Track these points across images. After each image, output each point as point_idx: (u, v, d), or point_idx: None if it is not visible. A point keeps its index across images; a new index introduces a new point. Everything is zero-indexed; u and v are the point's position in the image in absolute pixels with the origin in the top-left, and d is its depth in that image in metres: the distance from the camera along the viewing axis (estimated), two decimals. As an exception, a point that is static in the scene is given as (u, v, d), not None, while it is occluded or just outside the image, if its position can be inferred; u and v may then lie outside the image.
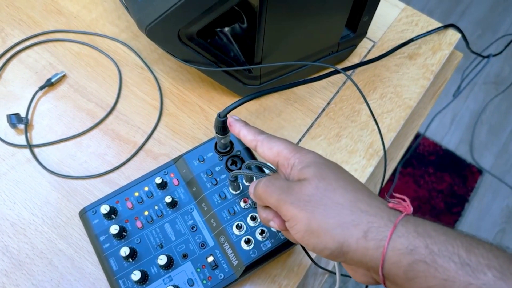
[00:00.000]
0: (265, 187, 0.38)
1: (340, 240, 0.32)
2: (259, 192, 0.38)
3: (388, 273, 0.31)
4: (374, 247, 0.31)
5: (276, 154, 0.39)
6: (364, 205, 0.33)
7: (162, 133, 0.59)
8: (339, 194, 0.34)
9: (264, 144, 0.40)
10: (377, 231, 0.31)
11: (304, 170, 0.36)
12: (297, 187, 0.35)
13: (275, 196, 0.36)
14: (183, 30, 0.49)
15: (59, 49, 0.64)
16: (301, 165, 0.36)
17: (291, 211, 0.34)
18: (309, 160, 0.36)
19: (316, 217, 0.33)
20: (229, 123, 0.44)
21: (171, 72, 0.63)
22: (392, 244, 0.30)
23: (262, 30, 0.49)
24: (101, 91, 0.61)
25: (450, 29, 0.69)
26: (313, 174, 0.35)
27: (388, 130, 0.60)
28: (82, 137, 0.58)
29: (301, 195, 0.34)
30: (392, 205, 0.33)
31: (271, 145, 0.39)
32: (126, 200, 0.50)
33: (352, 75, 0.64)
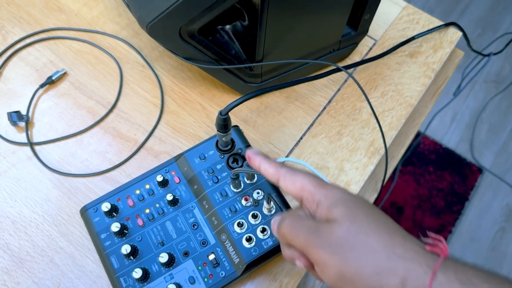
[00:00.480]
0: (290, 227, 0.35)
1: None
2: (284, 232, 0.36)
3: None
4: None
5: (300, 188, 0.37)
6: (401, 249, 0.31)
7: (163, 131, 0.58)
8: (373, 238, 0.31)
9: (287, 178, 0.38)
10: (415, 278, 0.29)
11: (333, 209, 0.33)
12: (327, 229, 0.33)
13: (302, 237, 0.34)
14: (185, 28, 0.49)
15: (59, 46, 0.64)
16: (328, 203, 0.34)
17: (321, 255, 0.32)
18: (337, 198, 0.34)
19: (350, 264, 0.31)
20: (248, 157, 0.42)
21: (172, 70, 0.63)
22: None
23: (263, 28, 0.49)
24: (102, 88, 0.61)
25: (451, 27, 0.69)
26: (343, 215, 0.33)
27: (389, 128, 0.60)
28: (83, 135, 0.58)
29: (331, 238, 0.32)
30: (430, 248, 0.31)
31: (294, 178, 0.37)
32: (127, 198, 0.50)
33: (353, 73, 0.64)
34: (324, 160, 0.58)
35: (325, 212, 0.34)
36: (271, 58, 0.55)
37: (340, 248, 0.32)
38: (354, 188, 0.56)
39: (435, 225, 1.37)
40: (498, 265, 1.37)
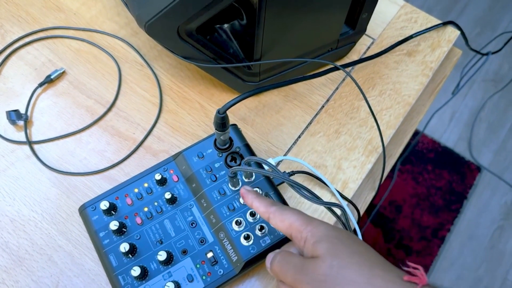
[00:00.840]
0: (280, 265, 0.38)
1: None
2: (275, 270, 0.39)
3: None
4: None
5: (289, 226, 0.39)
6: (380, 281, 0.33)
7: (161, 129, 0.59)
8: (354, 271, 0.34)
9: (276, 216, 0.40)
10: None
11: (317, 245, 0.36)
12: (312, 266, 0.35)
13: (290, 275, 0.37)
14: (183, 27, 0.49)
15: (58, 46, 0.64)
16: (314, 239, 0.36)
17: None
18: (321, 234, 0.37)
19: None
20: (242, 194, 0.44)
21: (170, 69, 0.63)
22: None
23: (261, 26, 0.49)
24: (100, 87, 0.61)
25: (449, 26, 0.69)
26: (326, 250, 0.35)
27: (387, 127, 0.60)
28: (81, 133, 0.58)
29: (315, 274, 0.35)
30: (408, 278, 0.33)
31: (283, 217, 0.40)
32: (126, 197, 0.50)
33: (351, 72, 0.64)
34: (322, 159, 0.58)
35: (311, 248, 0.36)
36: (269, 57, 0.55)
37: (324, 284, 0.34)
38: (352, 186, 0.56)
39: (433, 224, 1.38)
40: (496, 263, 1.38)
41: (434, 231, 1.37)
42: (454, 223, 1.40)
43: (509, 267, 1.38)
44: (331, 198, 0.56)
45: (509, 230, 1.43)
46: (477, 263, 1.38)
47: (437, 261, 1.36)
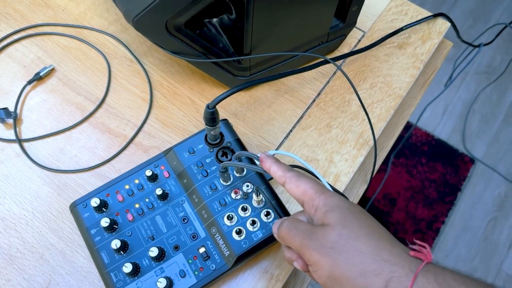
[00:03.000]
0: (287, 229, 0.38)
1: None
2: (282, 234, 0.39)
3: None
4: None
5: (302, 192, 0.39)
6: (387, 254, 0.33)
7: (152, 126, 0.58)
8: (362, 242, 0.34)
9: (292, 182, 0.40)
10: (398, 280, 0.32)
11: (328, 214, 0.36)
12: (321, 233, 0.36)
13: (298, 240, 0.37)
14: (171, 21, 0.49)
15: (47, 42, 0.64)
16: (325, 208, 0.37)
17: (314, 256, 0.35)
18: (334, 204, 0.37)
19: (339, 265, 0.34)
20: (261, 159, 0.44)
21: (160, 64, 0.63)
22: None
23: (250, 20, 0.49)
24: (90, 84, 0.61)
25: (440, 18, 0.69)
26: (337, 220, 0.35)
27: (378, 120, 0.60)
28: (71, 130, 0.58)
29: (324, 241, 0.35)
30: (413, 253, 0.34)
31: (298, 183, 0.40)
32: (117, 193, 0.50)
33: (342, 65, 0.64)
34: (314, 153, 0.58)
35: (321, 216, 0.36)
36: (259, 51, 0.55)
37: (331, 250, 0.34)
38: (343, 179, 0.56)
39: (428, 216, 1.38)
40: (490, 254, 1.39)
41: (429, 224, 1.38)
42: (448, 215, 1.41)
43: (503, 257, 1.39)
44: (323, 191, 0.56)
45: (503, 221, 1.44)
46: (471, 254, 1.39)
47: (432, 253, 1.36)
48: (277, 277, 0.50)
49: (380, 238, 0.35)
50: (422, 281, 0.31)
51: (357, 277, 0.33)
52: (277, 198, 0.50)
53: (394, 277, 0.32)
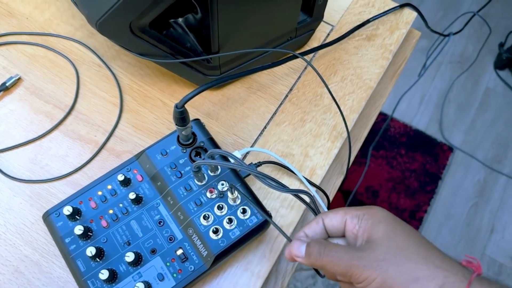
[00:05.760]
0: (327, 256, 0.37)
1: None
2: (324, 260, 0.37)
3: None
4: None
5: (343, 214, 0.39)
6: (439, 261, 0.33)
7: (124, 130, 0.58)
8: (412, 252, 0.34)
9: (328, 214, 0.40)
10: (452, 286, 0.31)
11: (375, 226, 0.36)
12: (368, 250, 0.35)
13: (343, 263, 0.36)
14: (135, 23, 0.48)
15: (12, 52, 0.63)
16: (372, 220, 0.37)
17: (364, 274, 0.34)
18: (379, 215, 0.37)
19: (390, 275, 0.33)
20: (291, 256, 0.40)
21: (129, 68, 0.62)
22: None
23: (215, 19, 0.49)
24: (58, 92, 0.60)
25: (406, 8, 0.70)
26: (384, 233, 0.35)
27: (351, 111, 0.60)
28: (41, 140, 0.57)
29: (373, 256, 0.35)
30: (465, 262, 0.34)
31: (335, 211, 0.40)
32: (90, 200, 0.49)
33: (312, 60, 0.65)
34: (289, 148, 0.58)
35: (368, 228, 0.36)
36: (227, 49, 0.54)
37: (382, 263, 0.34)
38: (319, 172, 0.56)
39: (410, 206, 1.40)
40: (472, 239, 1.41)
41: (412, 213, 1.39)
42: (430, 204, 1.43)
43: (486, 242, 1.41)
44: (299, 185, 0.56)
45: (484, 206, 1.47)
46: (455, 240, 1.41)
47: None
48: (257, 274, 0.50)
49: (429, 247, 0.35)
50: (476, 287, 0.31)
51: (410, 284, 0.32)
52: (253, 194, 0.50)
53: (448, 282, 0.32)
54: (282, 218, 0.53)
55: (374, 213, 0.37)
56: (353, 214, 0.38)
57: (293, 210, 0.54)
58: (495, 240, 1.41)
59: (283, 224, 0.53)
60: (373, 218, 0.37)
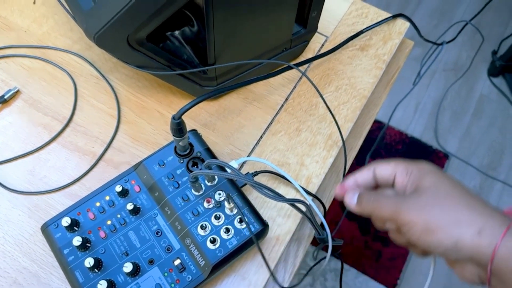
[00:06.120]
0: (376, 201, 0.40)
1: (455, 237, 0.34)
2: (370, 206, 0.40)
3: (496, 269, 0.33)
4: (487, 243, 0.33)
5: (394, 166, 0.41)
6: (481, 207, 0.35)
7: (122, 141, 0.58)
8: (457, 198, 0.36)
9: (379, 165, 0.43)
10: (491, 229, 0.33)
11: (424, 177, 0.38)
12: (415, 195, 0.38)
13: (390, 206, 0.38)
14: (132, 36, 0.49)
15: (10, 65, 0.63)
16: (421, 173, 0.39)
17: (409, 217, 0.37)
18: (428, 168, 0.39)
19: (434, 217, 0.35)
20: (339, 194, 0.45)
21: (127, 79, 0.63)
22: (505, 242, 0.32)
23: (211, 31, 0.50)
24: (56, 104, 0.60)
25: (399, 18, 0.71)
26: (432, 183, 0.38)
27: (345, 121, 0.61)
28: (40, 152, 0.57)
29: (419, 201, 0.37)
30: (508, 210, 0.36)
31: (386, 162, 0.42)
32: (88, 211, 0.49)
33: (307, 70, 0.66)
34: (285, 157, 0.59)
35: (417, 179, 0.39)
36: (223, 61, 0.55)
37: (426, 206, 0.36)
38: (315, 181, 0.57)
39: None
40: (470, 246, 1.41)
41: (409, 220, 1.40)
42: (427, 210, 1.43)
43: (483, 248, 1.41)
44: (296, 194, 0.56)
45: (480, 213, 1.47)
46: None
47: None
48: (255, 283, 0.51)
49: (474, 196, 0.36)
50: None
51: (451, 225, 0.34)
52: (250, 204, 0.50)
53: (488, 226, 0.33)
54: (279, 227, 0.54)
55: (423, 167, 0.40)
56: (403, 166, 0.41)
57: (290, 218, 0.55)
58: (492, 246, 1.42)
59: (280, 233, 0.54)
60: (422, 171, 0.39)
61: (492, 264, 0.33)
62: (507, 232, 0.33)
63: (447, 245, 0.35)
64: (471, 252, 0.34)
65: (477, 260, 0.34)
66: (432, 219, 0.35)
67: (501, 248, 0.33)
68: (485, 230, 0.33)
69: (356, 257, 1.32)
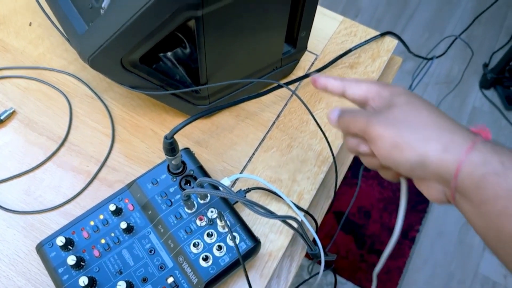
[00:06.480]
0: (351, 115, 0.40)
1: (421, 153, 0.34)
2: (346, 119, 0.41)
3: (460, 185, 0.33)
4: (452, 159, 0.33)
5: (367, 89, 0.41)
6: (448, 125, 0.35)
7: (116, 160, 0.59)
8: (425, 115, 0.36)
9: (352, 85, 0.43)
10: (457, 146, 0.33)
11: (395, 97, 0.39)
12: (386, 111, 0.38)
13: (363, 119, 0.39)
14: (126, 58, 0.50)
15: (6, 86, 0.64)
16: (393, 94, 0.39)
17: (378, 130, 0.37)
18: (401, 91, 0.40)
19: (401, 133, 0.36)
20: (313, 80, 0.46)
21: (121, 99, 0.64)
22: (469, 157, 0.33)
23: (203, 53, 0.51)
24: (52, 124, 0.61)
25: (387, 36, 0.73)
26: (403, 101, 0.38)
27: (336, 137, 0.62)
28: (35, 171, 0.58)
29: (390, 116, 0.37)
30: (475, 129, 0.36)
31: (360, 84, 0.42)
32: (82, 230, 0.50)
33: (298, 88, 0.67)
34: (277, 173, 0.60)
35: (388, 100, 0.39)
36: (215, 80, 0.57)
37: (395, 121, 0.37)
38: (306, 197, 0.58)
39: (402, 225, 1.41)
40: (465, 257, 1.42)
41: (404, 233, 1.40)
42: (422, 223, 1.44)
43: (479, 259, 1.42)
44: (288, 210, 0.57)
45: (475, 224, 1.48)
46: (448, 259, 1.41)
47: (409, 262, 1.39)
48: (248, 300, 0.51)
49: (443, 115, 0.37)
50: (479, 147, 0.33)
51: (418, 142, 0.35)
52: (242, 221, 0.51)
53: (453, 144, 0.34)
54: (271, 243, 0.55)
55: (396, 89, 0.40)
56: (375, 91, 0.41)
57: (282, 235, 0.55)
58: (488, 258, 1.42)
59: (272, 249, 0.54)
60: (395, 93, 0.39)
61: (457, 180, 0.33)
62: (472, 148, 0.33)
63: (414, 161, 0.35)
64: (437, 168, 0.34)
65: (442, 177, 0.34)
66: (400, 135, 0.36)
67: (465, 164, 0.33)
68: (450, 147, 0.34)
69: (352, 271, 1.32)
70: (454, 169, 0.33)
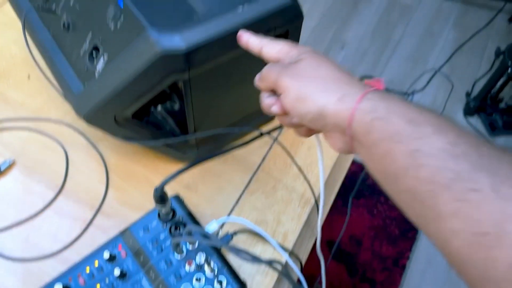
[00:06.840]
0: (269, 68, 0.43)
1: (320, 104, 0.37)
2: (264, 72, 0.43)
3: (354, 132, 0.36)
4: (346, 108, 0.36)
5: (278, 50, 0.44)
6: (345, 79, 0.38)
7: (110, 206, 0.63)
8: (326, 69, 0.39)
9: (268, 44, 0.45)
10: (351, 96, 0.36)
11: (302, 54, 0.42)
12: (293, 65, 0.41)
13: (275, 72, 0.41)
14: (119, 115, 0.54)
15: (6, 136, 0.68)
16: (301, 52, 0.42)
17: (286, 82, 0.40)
18: (307, 49, 0.43)
19: (304, 86, 0.39)
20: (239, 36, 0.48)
21: (115, 147, 0.68)
22: (360, 105, 0.36)
23: (190, 108, 0.56)
24: (49, 173, 0.65)
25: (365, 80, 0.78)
26: (308, 56, 0.41)
27: (318, 179, 0.67)
28: (33, 219, 0.61)
29: (295, 69, 0.40)
30: (368, 82, 0.40)
31: (274, 44, 0.45)
32: (79, 276, 0.53)
33: (281, 133, 0.71)
34: (262, 215, 0.63)
35: (296, 56, 0.42)
36: (203, 129, 0.61)
37: (299, 75, 0.40)
38: (291, 238, 0.62)
39: (393, 253, 1.44)
40: (456, 284, 1.44)
41: (395, 261, 1.43)
42: (412, 250, 1.47)
43: (470, 285, 1.44)
44: (273, 251, 0.61)
45: (464, 250, 1.50)
46: (439, 286, 1.44)
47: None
48: None
49: (342, 71, 0.40)
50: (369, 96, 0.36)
51: (318, 93, 0.38)
52: (228, 265, 0.54)
53: (348, 94, 0.36)
54: (258, 285, 0.58)
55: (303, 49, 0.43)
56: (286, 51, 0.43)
57: (268, 276, 0.58)
58: (478, 283, 1.44)
59: (258, 290, 0.57)
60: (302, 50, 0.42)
61: (351, 127, 0.36)
62: (363, 97, 0.35)
63: (314, 113, 0.38)
64: (334, 118, 0.37)
65: (340, 126, 0.37)
66: (303, 89, 0.39)
67: (357, 112, 0.35)
68: (345, 97, 0.36)
69: (346, 300, 1.34)
70: (348, 118, 0.36)
